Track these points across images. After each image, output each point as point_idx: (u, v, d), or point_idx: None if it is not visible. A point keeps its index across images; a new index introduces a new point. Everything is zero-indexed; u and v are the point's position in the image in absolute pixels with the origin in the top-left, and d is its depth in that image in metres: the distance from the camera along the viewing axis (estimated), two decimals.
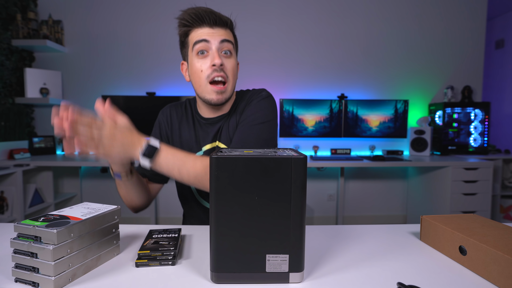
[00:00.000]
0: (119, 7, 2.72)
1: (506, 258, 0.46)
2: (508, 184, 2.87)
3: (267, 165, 0.46)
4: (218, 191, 0.47)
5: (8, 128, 2.44)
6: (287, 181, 0.46)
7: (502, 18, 3.55)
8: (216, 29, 0.77)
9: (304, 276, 0.51)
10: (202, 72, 0.77)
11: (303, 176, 0.47)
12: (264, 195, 0.46)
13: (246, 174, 0.46)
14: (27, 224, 0.47)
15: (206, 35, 0.76)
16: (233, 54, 0.80)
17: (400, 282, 0.48)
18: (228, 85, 0.79)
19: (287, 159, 0.46)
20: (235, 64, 0.81)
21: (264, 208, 0.47)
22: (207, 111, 0.87)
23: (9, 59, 2.46)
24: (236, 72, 0.82)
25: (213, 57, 0.76)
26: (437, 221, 0.64)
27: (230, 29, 0.81)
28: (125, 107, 2.62)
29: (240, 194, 0.46)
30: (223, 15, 0.79)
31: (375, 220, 2.92)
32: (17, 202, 2.18)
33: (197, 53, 0.77)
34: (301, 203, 0.47)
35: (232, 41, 0.80)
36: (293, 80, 2.84)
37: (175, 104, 0.94)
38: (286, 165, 0.46)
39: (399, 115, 2.73)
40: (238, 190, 0.46)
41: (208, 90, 0.78)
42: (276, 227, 0.47)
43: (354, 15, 2.83)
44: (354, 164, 2.34)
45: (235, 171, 0.46)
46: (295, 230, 0.47)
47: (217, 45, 0.76)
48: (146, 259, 0.55)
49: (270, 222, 0.47)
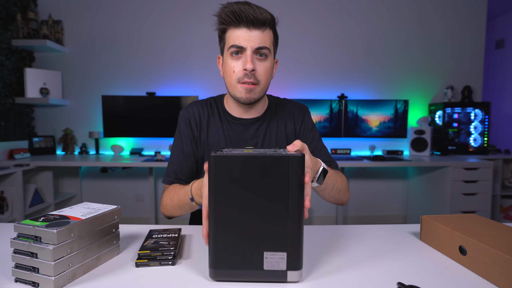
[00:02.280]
0: (119, 7, 2.72)
1: (506, 258, 0.46)
2: (508, 184, 2.87)
3: (265, 163, 0.46)
4: (216, 189, 0.47)
5: (8, 128, 2.44)
6: (285, 179, 0.47)
7: (502, 18, 3.55)
8: (253, 31, 0.74)
9: (303, 275, 0.51)
10: (234, 73, 0.77)
11: (301, 174, 0.47)
12: (262, 193, 0.47)
13: (244, 172, 0.47)
14: (27, 224, 0.47)
15: (243, 40, 0.74)
16: (268, 56, 0.78)
17: (400, 282, 0.48)
18: (258, 86, 0.78)
19: (285, 158, 0.46)
20: (269, 66, 0.79)
21: (262, 206, 0.47)
22: (238, 110, 0.87)
23: (9, 59, 2.46)
24: (270, 73, 0.81)
25: (245, 61, 0.75)
26: (437, 221, 0.64)
27: (270, 27, 0.78)
28: (125, 107, 2.62)
29: (238, 192, 0.47)
30: (263, 12, 0.74)
31: (375, 220, 2.92)
32: (17, 202, 2.18)
33: (231, 53, 0.77)
34: (299, 201, 0.47)
35: (268, 44, 0.77)
36: (293, 80, 2.84)
37: (199, 102, 0.92)
38: (284, 163, 0.46)
39: (399, 115, 2.73)
40: (236, 188, 0.47)
41: (238, 88, 0.78)
42: (274, 225, 0.47)
43: (354, 15, 2.83)
44: (354, 164, 2.34)
45: (233, 169, 0.46)
46: (293, 228, 0.47)
47: (251, 50, 0.75)
48: (146, 259, 0.55)
49: (268, 220, 0.47)
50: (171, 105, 2.61)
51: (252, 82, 0.77)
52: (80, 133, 2.78)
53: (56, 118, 2.77)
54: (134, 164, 2.27)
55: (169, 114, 2.62)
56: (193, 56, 2.77)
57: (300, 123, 0.93)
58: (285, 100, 0.96)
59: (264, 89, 0.81)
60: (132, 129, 2.63)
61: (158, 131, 2.63)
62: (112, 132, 2.63)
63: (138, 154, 2.64)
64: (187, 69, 2.78)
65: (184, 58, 2.77)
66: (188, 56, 2.77)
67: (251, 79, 0.76)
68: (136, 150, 2.70)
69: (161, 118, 2.63)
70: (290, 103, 0.95)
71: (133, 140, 2.79)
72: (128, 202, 2.81)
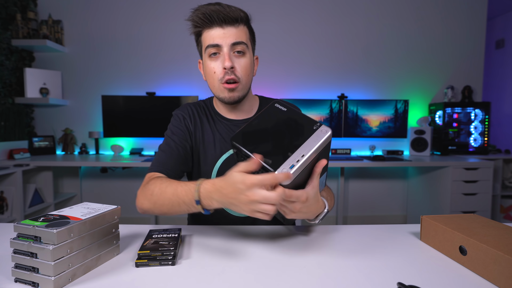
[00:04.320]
0: (119, 7, 2.72)
1: (507, 258, 0.46)
2: (508, 184, 2.87)
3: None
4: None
5: (8, 128, 2.44)
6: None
7: (502, 18, 3.55)
8: (227, 29, 0.76)
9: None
10: (215, 74, 0.78)
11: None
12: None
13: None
14: (27, 224, 0.47)
15: (217, 37, 0.75)
16: (246, 52, 0.79)
17: (400, 282, 0.48)
18: (239, 84, 0.79)
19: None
20: (248, 62, 0.79)
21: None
22: (227, 111, 0.89)
23: (9, 59, 2.46)
24: (251, 70, 0.81)
25: (223, 60, 0.76)
26: (437, 221, 0.64)
27: (244, 24, 0.79)
28: (125, 107, 2.62)
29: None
30: (234, 10, 0.76)
31: (375, 220, 2.92)
32: (17, 202, 2.18)
33: (209, 55, 0.78)
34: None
35: (245, 39, 0.78)
36: (293, 80, 2.84)
37: (193, 103, 0.93)
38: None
39: (399, 115, 2.73)
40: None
41: (221, 88, 0.79)
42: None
43: (354, 14, 2.83)
44: (354, 164, 2.34)
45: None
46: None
47: (228, 47, 0.76)
48: (146, 259, 0.55)
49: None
50: (171, 105, 2.61)
51: (233, 80, 0.77)
52: (80, 133, 2.78)
53: (56, 118, 2.77)
54: (134, 164, 2.27)
55: (169, 114, 2.58)
56: (193, 56, 2.77)
57: None
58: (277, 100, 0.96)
59: (246, 86, 0.81)
60: (132, 129, 2.63)
61: (158, 131, 2.63)
62: (112, 132, 2.63)
63: (138, 154, 2.64)
64: (187, 69, 2.77)
65: (184, 58, 2.77)
66: (188, 56, 2.77)
67: (231, 75, 0.76)
68: (136, 150, 2.70)
69: (161, 118, 2.63)
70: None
71: (133, 140, 2.79)
72: (128, 202, 2.81)
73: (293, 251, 0.62)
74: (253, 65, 0.84)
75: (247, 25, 0.81)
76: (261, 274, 0.52)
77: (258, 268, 0.55)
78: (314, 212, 0.63)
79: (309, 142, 0.52)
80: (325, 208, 0.67)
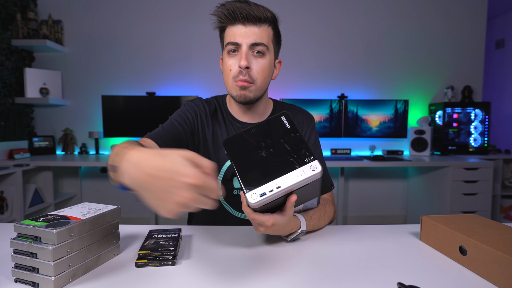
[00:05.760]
0: (119, 7, 2.72)
1: (507, 258, 0.46)
2: (508, 184, 2.87)
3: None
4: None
5: (8, 128, 2.44)
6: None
7: (502, 18, 3.55)
8: (249, 27, 0.74)
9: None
10: (231, 71, 0.77)
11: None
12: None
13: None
14: (27, 224, 0.47)
15: (238, 36, 0.74)
16: (266, 54, 0.77)
17: (400, 282, 0.48)
18: (253, 85, 0.77)
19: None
20: (266, 64, 0.77)
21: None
22: (240, 112, 0.87)
23: (9, 59, 2.46)
24: (268, 72, 0.79)
25: (240, 58, 0.75)
26: (437, 221, 0.64)
27: (268, 24, 0.77)
28: (125, 107, 2.62)
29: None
30: (259, 9, 0.74)
31: (375, 220, 2.92)
32: (17, 202, 2.18)
33: (228, 52, 0.77)
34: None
35: (266, 41, 0.76)
36: (293, 80, 2.84)
37: (204, 100, 0.90)
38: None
39: (399, 115, 2.73)
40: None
41: (234, 86, 0.78)
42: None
43: (354, 14, 2.83)
44: (354, 164, 2.34)
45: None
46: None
47: (247, 46, 0.74)
48: (146, 259, 0.55)
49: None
50: (171, 105, 2.61)
51: (246, 80, 0.76)
52: (80, 133, 2.78)
53: (56, 118, 2.77)
54: None
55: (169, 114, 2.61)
56: (193, 56, 2.77)
57: (304, 134, 0.91)
58: (292, 106, 0.95)
59: (260, 88, 0.79)
60: (132, 129, 2.63)
61: None
62: (112, 132, 2.63)
63: None
64: (187, 69, 2.77)
65: (184, 58, 2.77)
66: (188, 56, 2.77)
67: (245, 76, 0.75)
68: None
69: (161, 118, 2.63)
70: (297, 110, 0.94)
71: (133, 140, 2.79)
72: (128, 202, 2.81)
73: (293, 251, 0.62)
74: (272, 68, 0.82)
75: (272, 26, 0.79)
76: (261, 274, 0.52)
77: (258, 268, 0.55)
78: (285, 232, 0.62)
79: (292, 175, 0.50)
80: (299, 228, 0.65)
